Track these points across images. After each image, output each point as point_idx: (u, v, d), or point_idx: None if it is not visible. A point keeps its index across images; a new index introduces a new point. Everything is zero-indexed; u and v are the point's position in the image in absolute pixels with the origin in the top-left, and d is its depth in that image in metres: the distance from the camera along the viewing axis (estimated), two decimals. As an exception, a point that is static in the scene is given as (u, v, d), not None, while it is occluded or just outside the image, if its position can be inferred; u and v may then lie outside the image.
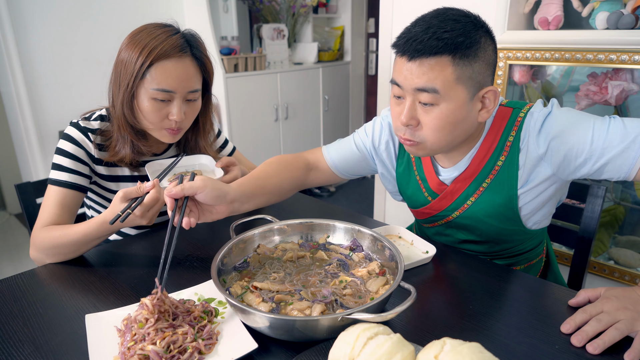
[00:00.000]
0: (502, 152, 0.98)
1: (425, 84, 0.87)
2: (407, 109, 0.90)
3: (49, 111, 2.47)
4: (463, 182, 1.02)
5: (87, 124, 1.14)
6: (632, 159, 0.84)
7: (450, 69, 0.85)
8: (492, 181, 0.99)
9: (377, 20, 3.92)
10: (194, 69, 1.10)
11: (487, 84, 0.91)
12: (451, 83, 0.86)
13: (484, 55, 0.88)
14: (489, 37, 0.90)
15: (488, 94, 0.91)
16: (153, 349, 0.69)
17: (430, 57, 0.85)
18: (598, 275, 1.81)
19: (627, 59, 1.51)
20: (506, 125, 0.98)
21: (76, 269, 1.02)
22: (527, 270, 1.16)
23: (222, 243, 0.92)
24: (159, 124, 1.10)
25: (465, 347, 0.59)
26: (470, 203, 1.03)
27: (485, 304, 0.86)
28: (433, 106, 0.89)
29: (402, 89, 0.91)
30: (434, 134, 0.91)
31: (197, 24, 2.85)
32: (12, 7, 2.26)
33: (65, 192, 1.09)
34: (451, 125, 0.90)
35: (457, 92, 0.87)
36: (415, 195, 1.12)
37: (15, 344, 0.76)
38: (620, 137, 0.85)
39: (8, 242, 3.00)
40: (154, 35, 1.05)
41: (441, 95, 0.87)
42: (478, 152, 1.00)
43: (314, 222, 1.02)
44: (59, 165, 1.10)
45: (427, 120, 0.90)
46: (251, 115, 3.09)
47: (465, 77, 0.87)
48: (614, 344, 0.72)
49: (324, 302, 0.78)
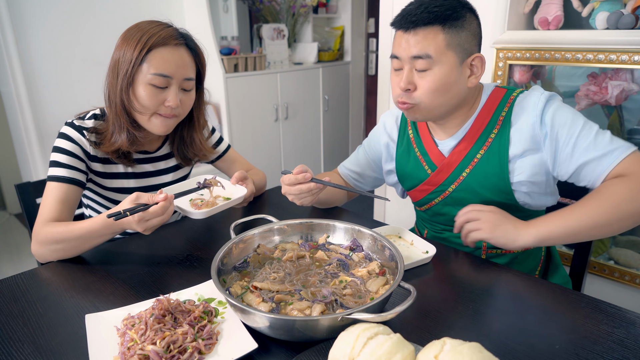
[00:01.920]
0: (495, 125, 1.08)
1: (419, 51, 1.00)
2: (405, 75, 1.03)
3: (49, 111, 2.47)
4: (459, 153, 1.11)
5: (82, 123, 1.17)
6: (605, 167, 0.96)
7: (441, 36, 0.99)
8: (486, 152, 1.08)
9: (377, 20, 3.92)
10: (189, 58, 1.15)
11: (474, 51, 1.04)
12: (442, 49, 1.00)
13: (470, 27, 1.02)
14: (473, 14, 1.04)
15: (475, 60, 1.04)
16: (153, 349, 0.69)
17: (423, 27, 0.99)
18: (598, 275, 1.81)
19: (627, 59, 1.51)
20: (500, 102, 1.09)
21: (76, 269, 1.02)
22: (525, 257, 1.18)
23: (222, 243, 0.92)
24: (154, 110, 1.12)
25: (465, 347, 0.59)
26: (466, 174, 1.11)
27: (485, 304, 0.86)
28: (427, 71, 1.01)
29: (400, 60, 1.04)
30: (428, 95, 1.03)
31: (197, 24, 2.85)
32: (12, 7, 2.26)
33: (64, 187, 1.10)
34: (443, 87, 1.02)
35: (448, 57, 1.00)
36: (415, 172, 1.20)
37: (15, 344, 0.76)
38: (603, 145, 0.96)
39: (8, 242, 3.00)
40: (148, 28, 1.10)
41: (434, 60, 1.00)
42: (473, 124, 1.10)
43: (314, 222, 1.02)
44: (57, 162, 1.12)
45: (422, 83, 1.02)
46: (251, 115, 3.08)
47: (454, 44, 1.00)
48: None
49: (324, 302, 0.78)
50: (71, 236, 1.02)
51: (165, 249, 1.11)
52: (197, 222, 1.27)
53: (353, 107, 4.05)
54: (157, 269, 1.01)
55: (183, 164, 1.34)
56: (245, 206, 1.36)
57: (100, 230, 1.02)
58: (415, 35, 1.00)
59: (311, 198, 1.11)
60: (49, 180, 1.11)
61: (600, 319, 0.80)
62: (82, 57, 2.54)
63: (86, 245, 1.05)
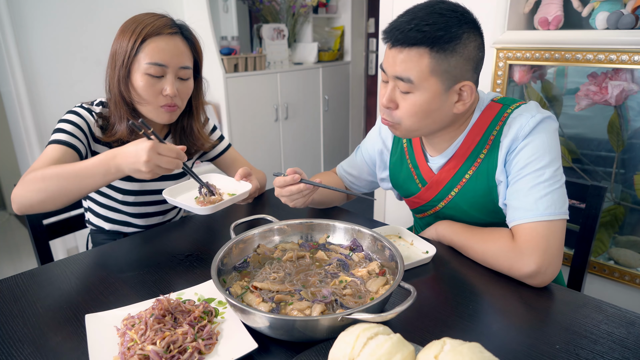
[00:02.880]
0: (485, 144, 1.03)
1: (401, 73, 0.94)
2: (388, 93, 0.99)
3: (49, 111, 2.47)
4: (448, 171, 1.09)
5: (91, 107, 1.19)
6: (511, 218, 0.96)
7: (427, 60, 0.91)
8: (475, 172, 1.05)
9: (377, 20, 3.92)
10: (185, 47, 1.16)
11: (465, 78, 0.96)
12: (426, 74, 0.92)
13: (464, 51, 0.93)
14: (475, 33, 0.94)
15: (464, 87, 0.96)
16: (153, 349, 0.69)
17: (410, 47, 0.92)
18: (598, 275, 1.81)
19: (627, 59, 1.51)
20: (492, 120, 1.03)
21: (76, 269, 1.02)
22: None
23: (222, 243, 0.92)
24: (154, 101, 1.13)
25: (465, 347, 0.59)
26: (454, 194, 1.09)
27: (485, 304, 0.86)
28: (409, 93, 0.96)
29: (386, 74, 0.99)
30: (408, 118, 0.99)
31: (197, 24, 2.83)
32: (12, 7, 2.26)
33: (63, 149, 1.07)
34: (424, 112, 0.97)
35: (431, 84, 0.94)
36: (407, 183, 1.19)
37: (15, 344, 0.76)
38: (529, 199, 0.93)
39: (8, 242, 3.00)
40: (143, 19, 1.12)
41: (415, 85, 0.94)
42: (463, 142, 1.06)
43: (314, 222, 1.02)
44: (60, 129, 1.12)
45: (404, 105, 0.98)
46: (251, 115, 3.08)
47: (440, 70, 0.92)
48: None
49: (324, 302, 0.78)
50: (60, 172, 0.94)
51: (165, 249, 1.11)
52: (197, 222, 1.27)
53: (353, 107, 4.05)
54: (157, 269, 1.00)
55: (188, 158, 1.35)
56: (246, 205, 1.36)
57: (93, 168, 0.94)
58: (400, 54, 0.93)
59: (303, 200, 1.10)
60: (48, 144, 1.08)
61: (600, 319, 0.80)
62: (82, 57, 2.54)
63: (74, 185, 0.95)
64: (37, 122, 2.44)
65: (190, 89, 1.21)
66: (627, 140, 1.63)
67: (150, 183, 1.28)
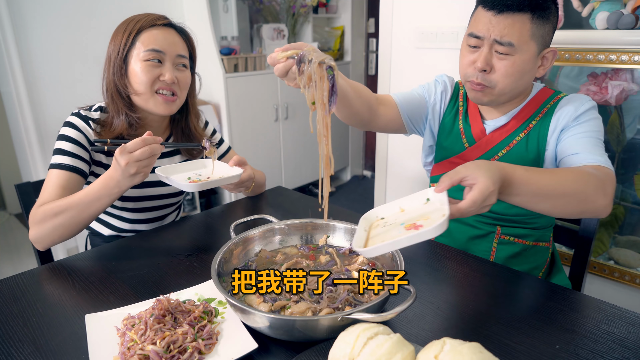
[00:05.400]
0: (539, 114, 1.12)
1: (504, 37, 1.00)
2: (484, 56, 1.03)
3: (49, 111, 2.47)
4: (501, 134, 1.14)
5: (88, 114, 1.19)
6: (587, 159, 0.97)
7: (529, 25, 0.99)
8: (525, 136, 1.11)
9: (377, 20, 3.92)
10: (179, 38, 1.19)
11: (549, 45, 1.06)
12: (526, 38, 1.00)
13: (553, 20, 1.03)
14: (556, 8, 1.05)
15: (549, 53, 1.06)
16: (153, 349, 0.69)
17: (515, 13, 0.99)
18: (598, 275, 1.81)
19: (627, 59, 1.51)
20: (548, 97, 1.13)
21: (76, 269, 1.02)
22: (534, 252, 1.19)
23: (222, 243, 0.92)
24: (151, 86, 1.14)
25: (465, 347, 0.59)
26: (501, 154, 1.13)
27: (485, 304, 0.86)
28: (508, 55, 1.02)
29: (481, 39, 1.03)
30: (504, 79, 1.03)
31: (197, 24, 2.84)
32: (12, 7, 2.26)
33: (66, 175, 1.10)
34: (519, 73, 1.03)
35: (530, 46, 1.01)
36: (453, 144, 1.22)
37: (15, 344, 0.76)
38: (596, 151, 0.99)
39: (8, 242, 3.00)
40: (134, 17, 1.17)
41: (516, 47, 1.00)
42: (521, 110, 1.13)
43: (314, 222, 1.02)
44: (61, 150, 1.12)
45: (500, 66, 1.03)
46: (251, 115, 3.08)
47: (538, 34, 1.01)
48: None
49: (332, 307, 0.77)
50: (69, 204, 1.01)
51: (165, 249, 1.11)
52: (197, 222, 1.27)
53: (353, 107, 4.05)
54: (157, 269, 1.00)
55: (191, 157, 1.35)
56: (246, 206, 1.36)
57: (98, 192, 1.00)
58: (504, 19, 0.99)
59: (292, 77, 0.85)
60: (51, 167, 1.11)
61: (600, 319, 0.80)
62: (82, 57, 2.54)
63: (85, 213, 1.02)
64: (37, 122, 2.44)
65: (189, 79, 1.22)
66: (628, 140, 1.63)
67: (150, 189, 1.28)
